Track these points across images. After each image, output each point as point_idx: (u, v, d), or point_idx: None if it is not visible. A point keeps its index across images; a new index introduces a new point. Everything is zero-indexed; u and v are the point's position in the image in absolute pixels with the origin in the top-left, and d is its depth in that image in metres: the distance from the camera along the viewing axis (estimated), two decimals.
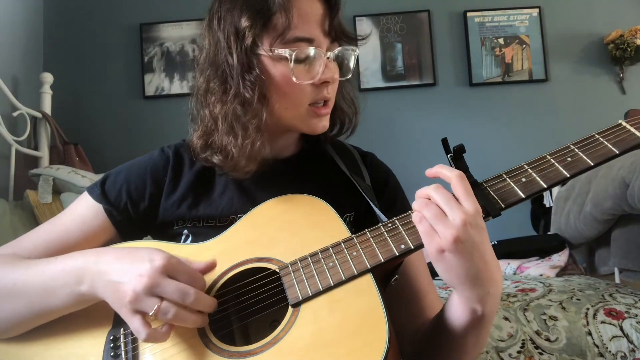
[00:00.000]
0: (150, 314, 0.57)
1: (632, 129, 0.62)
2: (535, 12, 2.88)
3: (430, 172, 0.61)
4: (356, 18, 2.87)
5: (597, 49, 2.86)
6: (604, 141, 0.62)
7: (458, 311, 0.62)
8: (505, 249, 1.81)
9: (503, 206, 0.60)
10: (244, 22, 0.70)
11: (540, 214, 2.55)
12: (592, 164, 0.61)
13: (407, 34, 2.88)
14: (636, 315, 1.09)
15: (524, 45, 2.86)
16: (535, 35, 2.86)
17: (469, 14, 2.88)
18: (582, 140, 0.63)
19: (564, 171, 0.61)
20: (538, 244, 1.83)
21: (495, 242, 1.86)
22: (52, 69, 2.53)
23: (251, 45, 0.70)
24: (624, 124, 0.63)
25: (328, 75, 0.72)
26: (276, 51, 0.70)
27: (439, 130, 2.79)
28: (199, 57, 0.77)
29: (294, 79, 0.70)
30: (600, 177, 1.52)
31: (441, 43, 2.89)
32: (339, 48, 0.75)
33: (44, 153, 2.30)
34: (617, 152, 0.61)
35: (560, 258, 1.70)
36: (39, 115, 2.29)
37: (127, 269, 0.60)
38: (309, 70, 0.71)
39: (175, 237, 0.78)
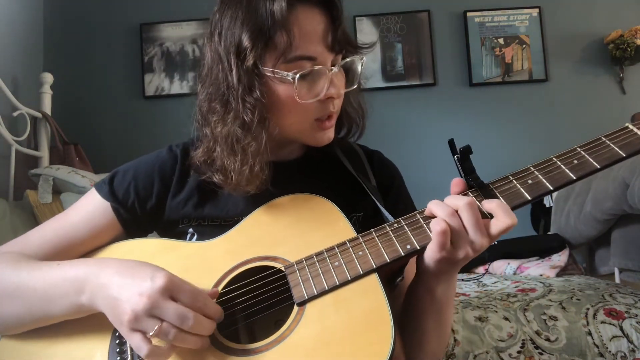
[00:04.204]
0: (151, 334, 0.56)
1: (639, 132, 0.62)
2: (535, 12, 2.88)
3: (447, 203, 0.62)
4: (356, 18, 2.86)
5: (597, 49, 2.85)
6: (611, 144, 0.62)
7: (419, 292, 0.68)
8: (505, 249, 1.81)
9: (510, 208, 0.60)
10: (245, 42, 0.67)
11: (540, 214, 2.55)
12: (598, 166, 0.61)
13: (407, 34, 2.88)
14: (636, 315, 1.09)
15: (524, 45, 2.86)
16: (535, 35, 2.86)
17: (469, 14, 2.88)
18: (588, 143, 0.63)
19: (570, 173, 0.61)
20: (538, 244, 1.83)
21: (495, 242, 1.85)
22: (52, 69, 2.52)
23: (253, 66, 0.68)
24: (630, 126, 0.63)
25: (332, 92, 0.71)
26: (278, 73, 0.69)
27: (439, 131, 2.79)
28: (202, 71, 0.75)
29: (298, 99, 0.69)
30: (600, 178, 1.52)
31: (441, 43, 2.88)
32: (345, 60, 0.73)
33: (44, 153, 2.30)
34: (624, 155, 0.61)
35: (560, 258, 1.70)
36: (39, 115, 2.29)
37: (127, 285, 0.59)
38: (313, 89, 0.70)
39: (180, 235, 0.78)
